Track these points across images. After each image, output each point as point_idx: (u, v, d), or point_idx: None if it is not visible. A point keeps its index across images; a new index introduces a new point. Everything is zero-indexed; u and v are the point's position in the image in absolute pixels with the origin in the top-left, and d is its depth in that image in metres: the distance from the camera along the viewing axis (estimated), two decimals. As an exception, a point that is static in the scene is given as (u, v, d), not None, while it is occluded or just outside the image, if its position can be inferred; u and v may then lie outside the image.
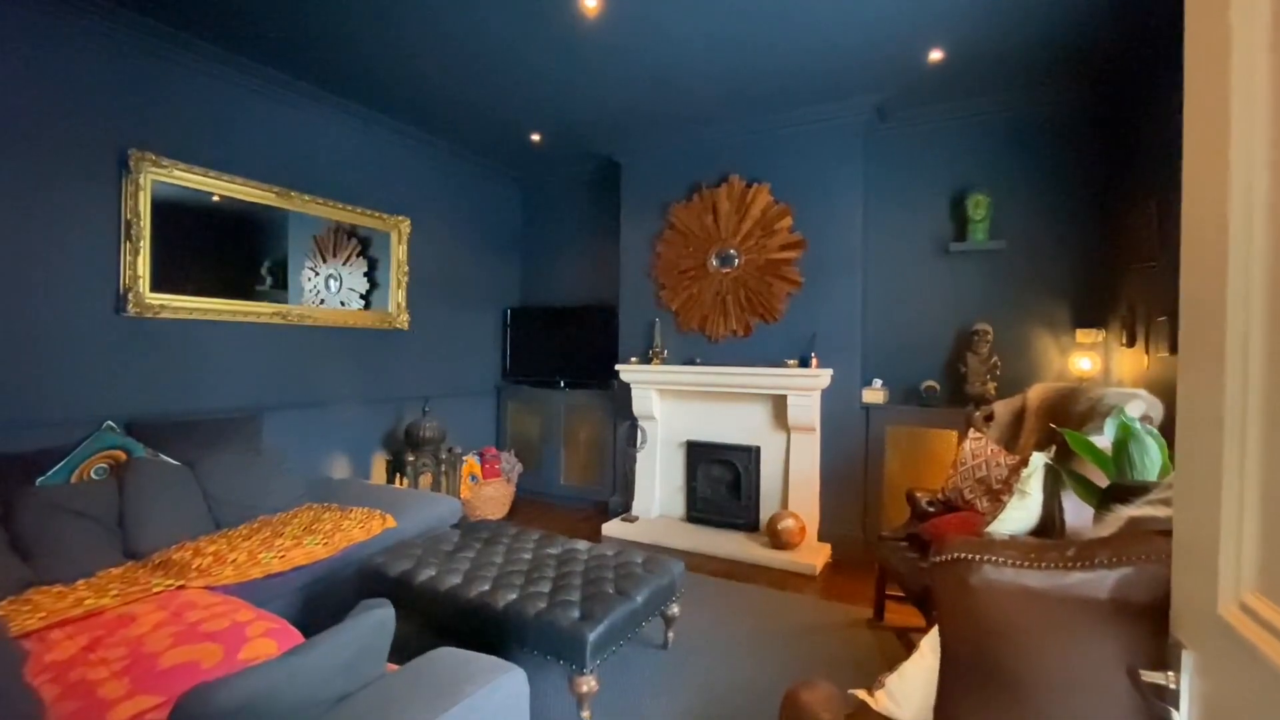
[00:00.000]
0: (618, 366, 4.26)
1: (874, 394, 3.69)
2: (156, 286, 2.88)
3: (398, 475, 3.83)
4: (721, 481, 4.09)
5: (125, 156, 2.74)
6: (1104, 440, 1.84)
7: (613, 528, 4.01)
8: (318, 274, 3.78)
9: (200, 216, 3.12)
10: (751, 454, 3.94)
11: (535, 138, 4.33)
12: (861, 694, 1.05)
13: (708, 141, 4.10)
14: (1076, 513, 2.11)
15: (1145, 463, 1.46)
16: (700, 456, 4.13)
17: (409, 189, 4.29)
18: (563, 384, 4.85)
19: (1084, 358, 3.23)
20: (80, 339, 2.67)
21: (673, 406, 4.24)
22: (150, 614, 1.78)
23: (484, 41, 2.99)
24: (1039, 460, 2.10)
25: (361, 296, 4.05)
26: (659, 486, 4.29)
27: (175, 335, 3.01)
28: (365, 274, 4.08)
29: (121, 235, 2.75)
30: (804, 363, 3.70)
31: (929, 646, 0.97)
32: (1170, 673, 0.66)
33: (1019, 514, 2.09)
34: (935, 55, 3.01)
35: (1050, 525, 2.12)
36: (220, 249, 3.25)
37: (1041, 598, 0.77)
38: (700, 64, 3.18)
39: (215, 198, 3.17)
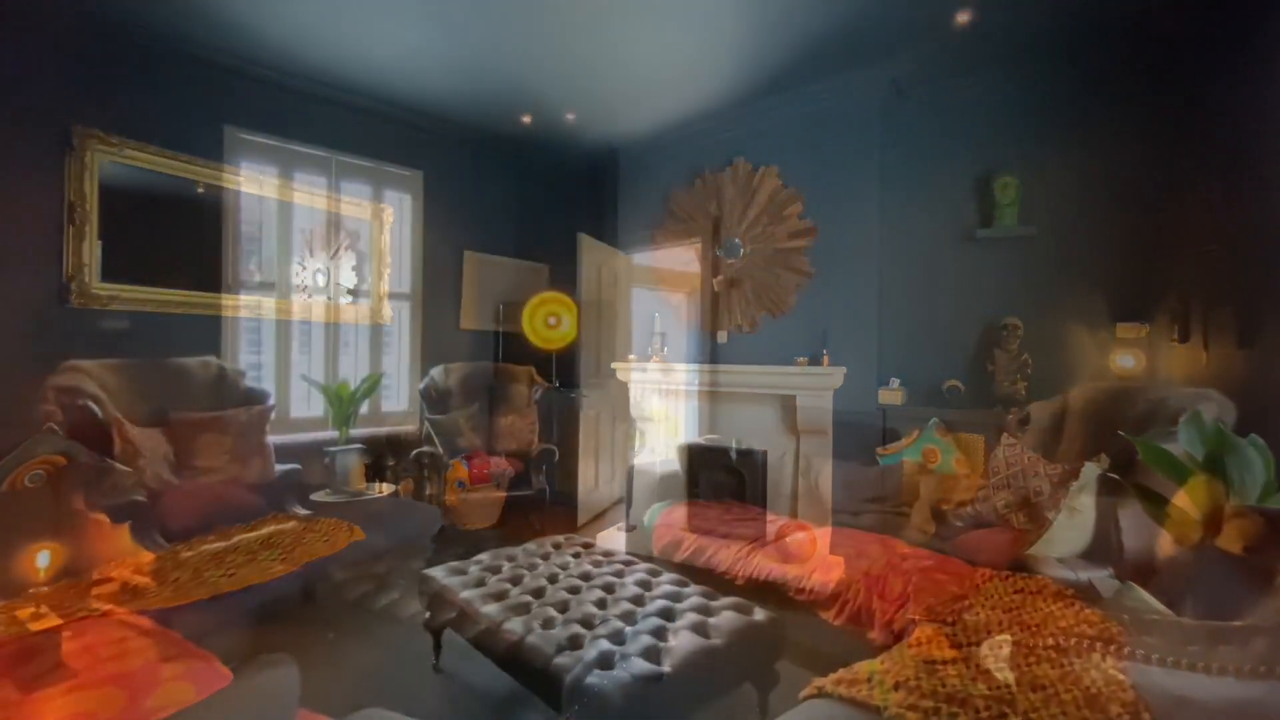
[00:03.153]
0: (615, 365, 4.00)
1: (891, 394, 3.41)
2: (107, 276, 2.65)
3: (377, 481, 3.58)
4: (725, 488, 3.81)
5: (69, 133, 2.50)
6: (1176, 449, 1.55)
7: (609, 537, 3.75)
8: (305, 268, 3.59)
9: (161, 201, 2.88)
10: (758, 458, 3.66)
11: (526, 119, 4.07)
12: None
13: (711, 124, 3.82)
14: (1135, 532, 1.83)
15: (1246, 481, 1.18)
16: (703, 461, 3.85)
17: (392, 175, 4.04)
18: (559, 384, 4.58)
19: (1126, 355, 2.92)
20: (19, 331, 2.44)
21: (674, 407, 3.96)
22: (57, 647, 1.54)
23: (469, 9, 2.73)
24: (1092, 472, 1.81)
25: (350, 291, 3.84)
26: (659, 493, 4.01)
27: (130, 328, 2.76)
28: (354, 268, 3.87)
29: (65, 219, 2.51)
30: (815, 360, 3.44)
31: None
32: None
33: (1070, 534, 1.80)
34: (963, 17, 2.71)
35: (1105, 546, 1.83)
36: (185, 237, 3.01)
37: (1207, 713, 0.49)
38: (702, 33, 2.90)
39: (199, 189, 2.96)
